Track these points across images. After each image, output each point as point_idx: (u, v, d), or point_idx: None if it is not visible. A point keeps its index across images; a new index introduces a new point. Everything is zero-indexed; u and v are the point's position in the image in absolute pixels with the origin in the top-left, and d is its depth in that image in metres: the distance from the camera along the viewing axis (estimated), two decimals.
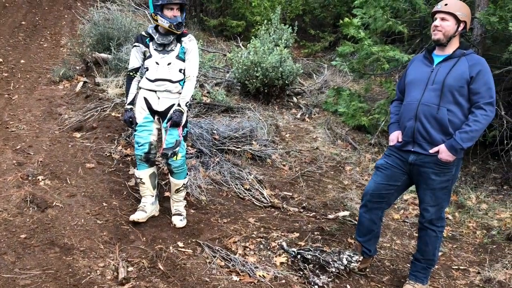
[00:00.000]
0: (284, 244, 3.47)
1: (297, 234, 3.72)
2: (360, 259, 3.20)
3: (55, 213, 3.45)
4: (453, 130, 2.78)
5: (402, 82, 3.16)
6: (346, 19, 5.82)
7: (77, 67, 7.27)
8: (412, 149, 2.90)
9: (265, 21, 7.99)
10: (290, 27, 8.03)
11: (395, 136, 3.03)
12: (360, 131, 6.35)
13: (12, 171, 4.00)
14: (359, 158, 5.53)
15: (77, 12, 10.38)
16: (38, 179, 3.92)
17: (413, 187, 3.19)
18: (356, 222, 3.89)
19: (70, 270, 2.85)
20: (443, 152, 2.77)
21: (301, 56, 10.51)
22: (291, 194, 4.54)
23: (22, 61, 7.92)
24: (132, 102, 3.60)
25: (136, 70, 3.63)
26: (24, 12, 10.65)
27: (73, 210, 3.53)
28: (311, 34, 11.16)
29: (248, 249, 3.43)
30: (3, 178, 3.86)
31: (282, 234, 3.72)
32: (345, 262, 3.15)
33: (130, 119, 3.54)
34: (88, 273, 2.84)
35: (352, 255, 3.19)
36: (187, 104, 3.50)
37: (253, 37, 7.32)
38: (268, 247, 3.49)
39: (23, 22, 10.07)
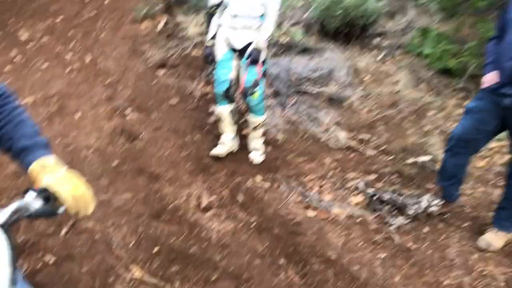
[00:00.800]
0: (361, 184, 3.46)
1: (375, 176, 3.69)
2: (441, 204, 3.13)
3: (142, 144, 3.68)
4: None
5: (502, 19, 2.88)
6: None
7: (159, 6, 7.40)
8: (509, 92, 2.68)
9: None
10: None
11: (491, 78, 2.81)
12: (446, 74, 5.96)
13: (103, 104, 4.28)
14: (443, 103, 5.24)
15: None
16: (126, 112, 4.16)
17: (500, 135, 2.99)
18: (437, 168, 3.77)
19: (158, 195, 3.07)
20: None
21: None
22: (369, 137, 4.46)
23: (106, 0, 8.20)
24: (213, 38, 3.63)
25: (216, 6, 3.61)
26: None
27: (158, 142, 3.73)
28: None
29: (324, 187, 3.47)
30: (95, 110, 4.14)
31: (359, 175, 3.71)
32: (424, 205, 3.10)
33: (209, 55, 3.58)
34: (174, 200, 3.05)
35: (432, 199, 3.13)
36: (267, 40, 3.45)
37: None
38: (344, 187, 3.51)
39: None
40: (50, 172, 1.27)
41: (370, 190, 3.34)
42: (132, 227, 2.75)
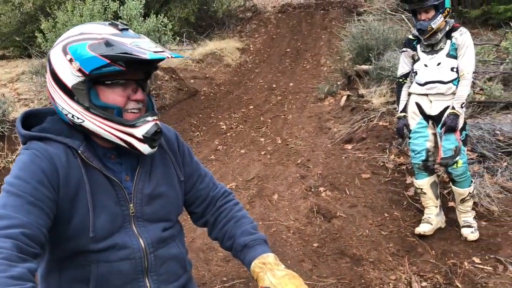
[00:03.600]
0: None
1: None
2: None
3: (340, 223, 3.59)
4: None
5: None
6: None
7: (339, 82, 7.60)
8: None
9: None
10: None
11: None
12: None
13: (297, 183, 4.39)
14: None
15: (333, 30, 10.98)
16: (320, 190, 4.17)
17: None
18: None
19: (363, 281, 2.88)
20: None
21: None
22: None
23: (290, 84, 8.80)
24: (405, 110, 3.47)
25: (405, 76, 3.49)
26: (287, 40, 11.89)
27: (356, 221, 3.60)
28: None
29: None
30: (291, 190, 4.26)
31: None
32: None
33: (405, 127, 3.41)
34: (381, 286, 2.82)
35: None
36: (463, 105, 3.15)
37: None
38: None
39: (287, 50, 11.24)
40: (270, 270, 1.27)
41: None
42: None
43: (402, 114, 3.47)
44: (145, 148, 1.22)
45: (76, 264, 1.21)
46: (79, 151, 1.20)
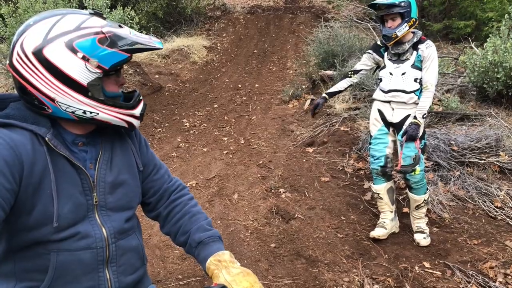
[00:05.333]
0: None
1: None
2: None
3: (297, 224, 3.62)
4: None
5: None
6: None
7: (304, 86, 7.69)
8: None
9: (505, 15, 7.00)
10: None
11: None
12: None
13: (258, 184, 4.40)
14: None
15: (300, 35, 11.10)
16: (280, 191, 4.19)
17: None
18: None
19: (317, 282, 2.91)
20: None
21: None
22: None
23: (256, 85, 8.83)
24: (331, 94, 3.63)
25: (356, 72, 3.59)
26: (255, 41, 11.92)
27: (313, 223, 3.64)
28: None
29: (510, 277, 2.94)
30: (251, 190, 4.26)
31: None
32: None
33: (318, 106, 3.57)
34: (334, 287, 2.85)
35: None
36: (424, 116, 3.25)
37: (490, 35, 6.49)
38: None
39: (255, 51, 11.27)
40: (226, 268, 1.28)
41: None
42: None
43: (326, 95, 3.59)
44: (137, 123, 1.32)
45: (35, 253, 1.18)
46: (46, 138, 1.16)
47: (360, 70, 3.57)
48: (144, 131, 6.49)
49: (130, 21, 7.94)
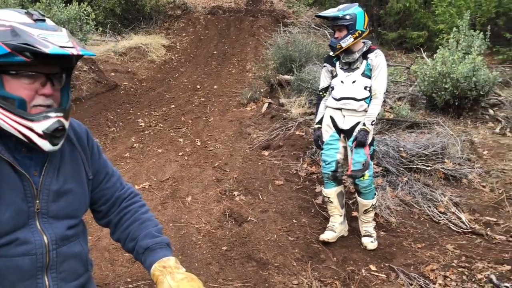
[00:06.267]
0: (493, 277, 3.03)
1: (508, 267, 3.21)
2: None
3: (250, 227, 3.65)
4: None
5: None
6: None
7: (262, 90, 7.75)
8: None
9: (453, 28, 7.35)
10: (482, 33, 7.22)
11: None
12: None
13: (212, 186, 4.40)
14: None
15: (260, 38, 11.17)
16: (234, 194, 4.21)
17: None
18: None
19: (267, 285, 2.95)
20: None
21: (494, 63, 9.38)
22: (495, 219, 3.98)
23: (215, 86, 8.82)
24: (320, 122, 3.62)
25: (325, 89, 3.64)
26: (215, 42, 11.90)
27: (266, 226, 3.68)
28: (506, 38, 9.89)
29: (448, 279, 3.09)
30: (205, 193, 4.26)
31: (489, 265, 3.26)
32: None
33: (319, 138, 3.57)
34: None
35: None
36: (373, 123, 3.36)
37: (440, 47, 6.79)
38: (473, 279, 3.09)
39: (214, 52, 11.26)
40: (170, 273, 1.29)
41: (507, 285, 2.89)
42: None
43: (317, 125, 3.63)
44: (44, 144, 1.16)
45: None
46: None
47: (328, 86, 3.62)
48: (97, 130, 6.34)
49: (86, 17, 7.75)
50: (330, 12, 3.39)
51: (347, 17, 3.27)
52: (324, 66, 3.60)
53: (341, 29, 3.30)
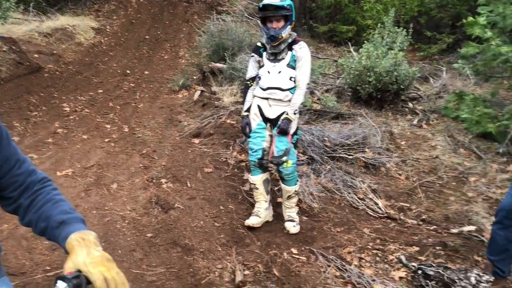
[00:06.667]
0: (402, 257, 3.28)
1: (417, 248, 3.49)
2: (491, 280, 2.90)
3: (177, 214, 3.66)
4: None
5: None
6: (470, 18, 5.38)
7: (194, 77, 7.70)
8: None
9: (378, 24, 7.73)
10: (405, 30, 7.66)
11: None
12: (485, 138, 5.81)
13: (139, 173, 4.34)
14: (485, 169, 5.05)
15: (194, 25, 11.04)
16: (162, 181, 4.19)
17: None
18: (483, 238, 3.57)
19: (191, 270, 2.99)
20: None
21: (415, 59, 9.99)
22: (408, 205, 4.30)
23: (146, 72, 8.63)
24: (249, 110, 3.69)
25: (252, 79, 3.71)
26: (147, 27, 11.60)
27: (193, 212, 3.71)
28: (426, 36, 10.56)
29: (363, 260, 3.31)
30: (132, 180, 4.20)
31: (400, 247, 3.52)
32: (473, 281, 2.87)
33: (247, 126, 3.63)
34: (207, 274, 2.96)
35: (481, 275, 2.91)
36: (296, 112, 3.49)
37: (365, 42, 7.12)
38: (385, 260, 3.33)
39: (146, 36, 10.97)
40: (88, 247, 1.23)
41: (414, 264, 3.15)
42: None
43: (246, 113, 3.69)
44: None
45: None
46: None
47: (255, 75, 3.68)
48: (18, 114, 6.00)
49: None
50: (275, 1, 3.40)
51: (288, 7, 3.36)
52: (252, 56, 3.66)
53: (279, 19, 3.37)
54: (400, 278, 3.10)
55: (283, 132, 3.44)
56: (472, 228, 3.84)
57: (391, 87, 6.49)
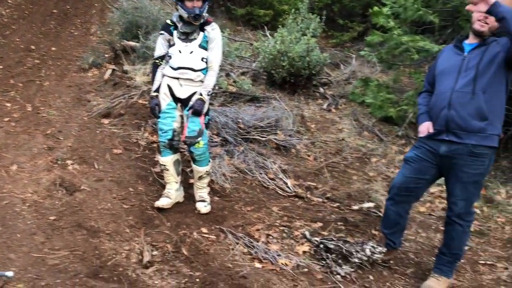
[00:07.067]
0: (307, 233, 3.46)
1: (321, 224, 3.70)
2: (384, 251, 3.17)
3: (82, 196, 3.53)
4: (490, 115, 2.69)
5: (431, 73, 3.08)
6: (376, 8, 5.71)
7: (106, 55, 7.37)
8: (446, 138, 2.80)
9: (293, 10, 7.91)
10: (318, 17, 7.92)
11: (425, 127, 2.95)
12: (387, 122, 6.24)
13: (43, 155, 4.12)
14: (385, 150, 5.44)
15: (107, 1, 10.51)
16: (67, 163, 4.01)
17: (440, 180, 3.13)
18: (380, 214, 3.85)
19: (97, 252, 2.92)
20: None
21: (328, 46, 10.37)
22: (315, 184, 4.52)
23: (53, 48, 8.10)
24: (158, 90, 3.62)
25: (161, 58, 3.64)
26: (55, 0, 10.84)
27: (100, 194, 3.60)
28: (339, 24, 10.99)
29: (271, 237, 3.44)
30: (34, 162, 3.97)
31: (305, 223, 3.71)
32: (368, 253, 3.12)
33: (156, 106, 3.57)
34: (114, 256, 2.91)
35: (375, 247, 3.16)
36: (209, 93, 3.50)
37: (280, 26, 7.26)
38: (291, 236, 3.49)
39: (54, 10, 10.27)
40: None
41: (316, 239, 3.34)
42: (68, 287, 2.58)
43: (155, 93, 3.62)
44: None
45: None
46: None
47: (164, 54, 3.60)
48: None
49: None
50: None
51: None
52: (162, 34, 3.59)
53: None
54: (304, 252, 3.27)
55: (196, 113, 3.43)
56: (371, 204, 4.14)
57: (303, 72, 6.70)
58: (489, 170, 3.35)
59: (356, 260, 3.10)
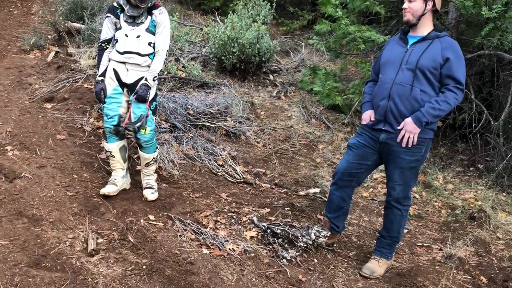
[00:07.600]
0: (254, 218, 3.52)
1: (268, 210, 3.78)
2: (328, 235, 3.29)
3: (23, 184, 3.40)
4: None
5: (377, 63, 3.20)
6: None
7: (49, 36, 7.06)
8: (383, 128, 2.95)
9: None
10: (269, 4, 7.95)
11: (368, 115, 3.07)
12: (334, 110, 6.41)
13: None
14: (332, 137, 5.60)
15: None
16: (7, 149, 3.83)
17: (382, 167, 3.27)
18: (326, 199, 3.98)
19: (39, 240, 2.83)
20: (408, 124, 2.82)
21: (279, 34, 10.44)
22: (263, 170, 4.59)
23: None
24: (104, 74, 3.52)
25: (108, 41, 3.54)
26: None
27: (42, 182, 3.48)
28: (290, 12, 11.07)
29: (219, 223, 3.47)
30: None
31: (254, 209, 3.77)
32: (313, 237, 3.22)
33: (102, 91, 3.47)
34: (57, 244, 2.83)
35: (320, 231, 3.27)
36: (155, 78, 3.45)
37: (230, 12, 7.23)
38: (239, 222, 3.54)
39: None
40: None
41: (264, 224, 3.41)
42: (8, 278, 2.49)
43: (101, 78, 3.52)
44: None
45: None
46: None
47: (110, 38, 3.50)
48: None
49: None
50: None
51: None
52: (108, 16, 3.49)
53: None
54: (252, 237, 3.33)
55: (142, 99, 3.38)
56: (317, 190, 4.27)
57: (254, 59, 6.72)
58: (427, 157, 3.56)
59: (302, 244, 3.20)
